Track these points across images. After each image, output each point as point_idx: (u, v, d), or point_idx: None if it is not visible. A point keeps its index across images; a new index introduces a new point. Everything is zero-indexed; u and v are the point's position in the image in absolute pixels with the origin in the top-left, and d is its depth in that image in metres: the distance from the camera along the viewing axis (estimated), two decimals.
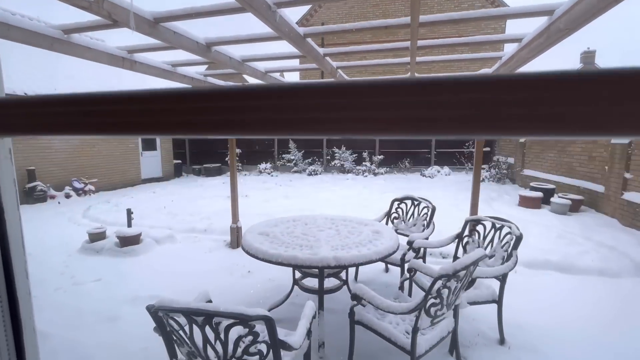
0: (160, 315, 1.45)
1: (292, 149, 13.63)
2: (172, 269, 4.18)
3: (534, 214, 6.51)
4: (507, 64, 2.94)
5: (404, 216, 3.96)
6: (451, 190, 9.38)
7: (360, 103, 0.25)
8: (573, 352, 2.53)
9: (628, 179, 5.65)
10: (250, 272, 4.09)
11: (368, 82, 0.25)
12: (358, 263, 2.31)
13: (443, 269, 1.76)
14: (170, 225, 5.98)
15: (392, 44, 2.84)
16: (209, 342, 1.41)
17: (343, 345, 2.55)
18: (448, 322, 2.22)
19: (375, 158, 13.04)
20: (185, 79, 3.81)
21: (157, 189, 10.55)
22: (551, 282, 3.78)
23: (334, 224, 3.20)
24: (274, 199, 8.41)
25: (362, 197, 8.38)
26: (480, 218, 3.05)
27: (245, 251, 2.53)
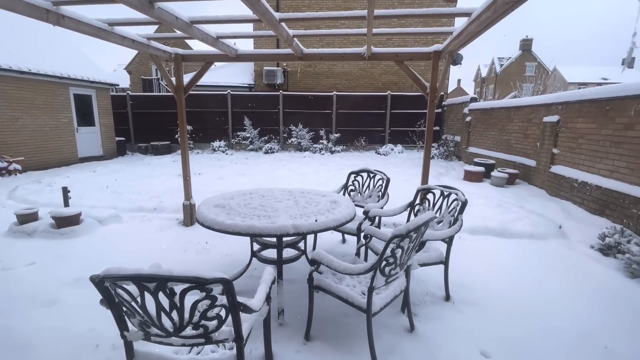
0: (106, 286, 1.35)
1: (248, 126, 13.20)
2: (119, 249, 3.92)
3: (476, 187, 7.06)
4: (458, 37, 3.05)
5: (360, 188, 4.06)
6: (404, 166, 9.80)
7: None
8: (507, 304, 2.84)
9: (555, 154, 6.32)
10: (206, 247, 3.97)
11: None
12: (316, 230, 2.33)
13: (397, 229, 1.84)
14: (115, 205, 5.56)
15: (350, 12, 2.80)
16: (163, 310, 1.35)
17: (302, 311, 2.61)
18: (400, 281, 2.36)
19: (332, 136, 13.12)
20: (126, 41, 3.44)
21: (98, 167, 9.68)
22: (490, 245, 4.16)
23: (292, 195, 3.19)
24: (229, 176, 8.16)
25: (320, 174, 8.44)
26: (430, 187, 3.23)
27: (200, 223, 2.44)
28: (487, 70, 48.68)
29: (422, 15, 2.90)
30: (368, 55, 3.88)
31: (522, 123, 7.77)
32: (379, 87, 15.16)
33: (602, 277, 3.30)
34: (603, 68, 37.20)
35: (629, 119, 4.49)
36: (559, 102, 6.29)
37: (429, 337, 2.40)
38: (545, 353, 2.26)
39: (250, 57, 4.23)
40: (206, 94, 13.72)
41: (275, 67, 15.06)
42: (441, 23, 13.75)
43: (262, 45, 15.06)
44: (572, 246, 4.10)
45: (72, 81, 10.26)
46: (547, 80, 30.20)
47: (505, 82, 40.30)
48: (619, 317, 2.68)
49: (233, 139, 13.71)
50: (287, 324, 2.54)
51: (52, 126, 9.87)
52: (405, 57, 3.87)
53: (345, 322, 2.55)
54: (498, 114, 8.96)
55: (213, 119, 13.69)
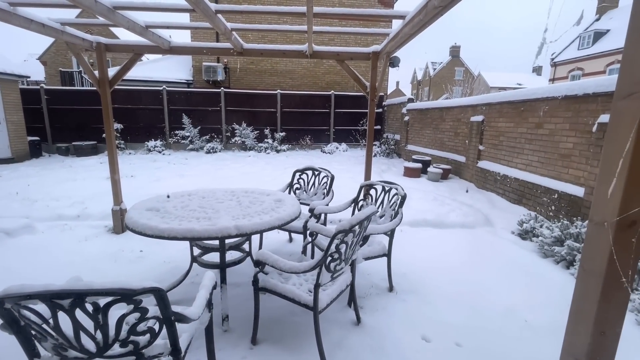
0: (8, 308, 1.14)
1: (187, 125, 12.46)
2: (33, 264, 3.42)
3: (415, 182, 7.51)
4: (394, 39, 3.19)
5: (306, 186, 4.06)
6: (348, 164, 10.06)
7: None
8: (443, 290, 3.05)
9: (481, 150, 6.98)
10: (140, 256, 3.64)
11: None
12: (260, 230, 2.26)
13: (340, 224, 1.86)
14: (27, 214, 4.84)
15: (290, 7, 2.76)
16: (83, 329, 1.19)
17: (248, 315, 2.52)
18: (346, 276, 2.39)
19: (278, 135, 12.99)
20: (33, 24, 2.99)
21: (5, 172, 8.37)
22: (428, 236, 4.45)
23: (234, 195, 3.06)
24: (167, 178, 7.62)
25: (265, 173, 8.29)
26: (373, 183, 3.34)
27: (130, 229, 2.21)
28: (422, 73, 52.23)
29: (361, 15, 2.98)
30: (310, 53, 3.88)
31: (453, 122, 8.45)
32: (323, 86, 15.37)
33: (521, 259, 3.72)
34: (518, 74, 42.18)
35: (539, 118, 5.12)
36: (483, 103, 6.96)
37: (375, 328, 2.48)
38: (477, 331, 2.47)
39: (186, 50, 3.97)
40: (138, 90, 12.65)
41: (216, 62, 14.45)
42: (380, 25, 14.38)
43: (200, 39, 14.32)
44: (496, 233, 4.56)
45: None
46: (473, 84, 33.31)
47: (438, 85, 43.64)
48: (535, 292, 3.03)
49: (171, 139, 12.84)
50: (233, 330, 2.43)
51: None
52: (346, 56, 3.95)
53: (293, 321, 2.52)
54: (432, 114, 9.63)
55: (147, 116, 12.67)
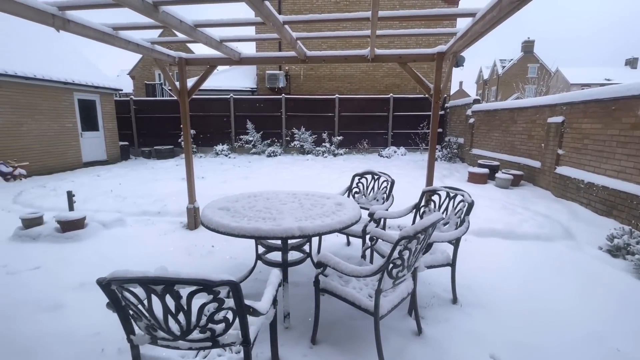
0: (113, 289, 1.33)
1: (250, 130, 13.24)
2: (123, 253, 3.92)
3: (481, 189, 7.02)
4: (462, 38, 3.04)
5: (365, 190, 4.04)
6: (407, 168, 9.77)
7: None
8: (515, 306, 2.80)
9: (560, 155, 6.27)
10: (211, 251, 3.96)
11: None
12: (322, 232, 2.32)
13: (405, 230, 1.82)
14: (119, 209, 5.56)
15: (354, 14, 2.80)
16: (170, 313, 1.34)
17: (308, 315, 2.59)
18: (408, 284, 2.33)
19: (335, 139, 13.12)
20: (130, 45, 3.46)
21: (102, 172, 9.72)
22: (496, 247, 4.12)
23: (296, 198, 3.17)
24: (232, 180, 8.16)
25: (322, 177, 8.43)
26: (436, 188, 3.21)
27: (205, 226, 2.42)
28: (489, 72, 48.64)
29: (426, 16, 2.90)
30: (371, 57, 3.87)
31: (526, 124, 7.73)
32: (381, 89, 15.17)
33: (611, 279, 3.25)
34: (606, 69, 37.05)
35: (636, 118, 4.45)
36: (563, 102, 6.26)
37: (437, 341, 2.37)
38: (556, 356, 2.22)
39: (254, 61, 4.24)
40: (209, 98, 13.78)
41: (278, 70, 15.12)
42: (443, 25, 13.76)
43: (265, 49, 15.13)
44: (579, 247, 4.05)
45: (77, 86, 10.33)
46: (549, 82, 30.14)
47: (508, 84, 40.22)
48: (630, 319, 2.63)
49: (236, 143, 13.74)
50: (293, 328, 2.51)
51: (57, 131, 9.93)
52: (409, 58, 3.86)
53: (352, 325, 2.52)
54: (501, 116, 8.92)
55: (216, 122, 13.75)
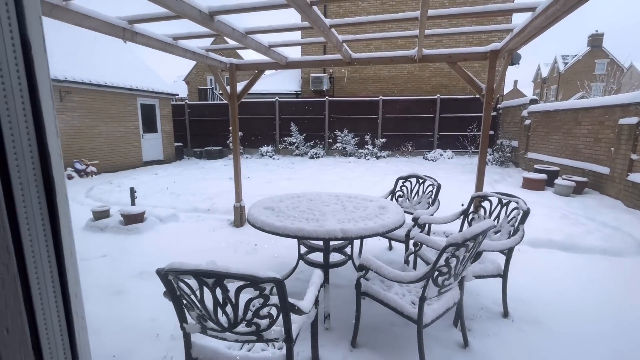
0: (170, 279, 1.44)
1: (294, 132, 13.52)
2: (176, 247, 4.21)
3: (537, 196, 6.50)
4: (519, 34, 2.85)
5: (409, 194, 3.94)
6: (454, 172, 9.34)
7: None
8: (575, 325, 2.56)
9: (634, 160, 5.60)
10: (255, 249, 4.11)
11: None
12: (364, 235, 2.30)
13: (453, 237, 1.75)
14: (174, 205, 5.99)
15: (402, 14, 2.75)
16: (220, 305, 1.41)
17: (348, 318, 2.58)
18: (454, 293, 2.23)
19: (378, 141, 12.94)
20: (187, 53, 3.72)
21: (159, 170, 10.53)
22: (555, 260, 3.79)
23: (339, 200, 3.18)
24: (276, 180, 8.40)
25: (365, 179, 8.36)
26: (487, 194, 3.03)
27: (252, 224, 2.52)
28: (548, 69, 44.85)
29: (480, 13, 2.76)
30: (419, 57, 3.77)
31: (593, 126, 7.02)
32: (428, 90, 14.68)
33: None
34: None
35: None
36: (639, 101, 5.59)
37: (485, 355, 2.24)
38: None
39: (299, 64, 4.34)
40: (255, 102, 14.32)
41: (322, 73, 15.29)
42: (496, 21, 12.99)
43: (310, 53, 15.39)
44: None
45: (140, 92, 11.32)
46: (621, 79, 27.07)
47: (570, 82, 36.79)
48: None
49: (280, 144, 14.12)
50: (333, 329, 2.52)
51: (122, 133, 10.95)
52: (459, 57, 3.70)
53: (393, 331, 2.47)
54: (563, 117, 8.19)
55: (261, 125, 14.24)
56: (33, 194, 0.21)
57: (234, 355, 1.64)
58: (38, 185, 0.22)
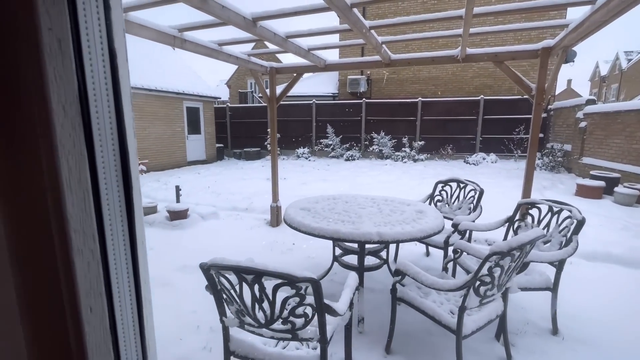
0: (212, 274, 1.51)
1: (330, 134, 13.58)
2: (216, 243, 4.39)
3: (594, 205, 5.96)
4: (576, 30, 2.65)
5: (449, 199, 3.80)
6: (498, 177, 8.85)
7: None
8: (637, 353, 2.31)
9: None
10: (290, 248, 4.18)
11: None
12: (401, 239, 2.25)
13: (497, 245, 1.66)
14: (214, 203, 6.26)
15: (446, 13, 2.66)
16: (257, 301, 1.46)
17: (382, 322, 2.54)
18: (497, 305, 2.11)
19: (416, 144, 12.61)
20: (231, 58, 3.88)
21: (202, 170, 11.07)
22: (614, 275, 3.46)
23: (375, 203, 3.15)
24: (312, 182, 8.48)
25: (401, 182, 8.18)
26: (535, 201, 2.84)
27: (288, 224, 2.57)
28: (608, 67, 41.01)
29: (531, 8, 2.60)
30: (462, 57, 3.63)
31: None
32: (470, 91, 14.06)
33: None
34: None
35: None
36: None
37: None
38: None
39: (338, 67, 4.36)
40: (292, 104, 14.58)
41: (359, 75, 15.21)
42: (548, 16, 12.14)
43: (347, 55, 15.38)
44: None
45: (186, 96, 12.00)
46: None
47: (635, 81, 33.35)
48: None
49: (316, 146, 14.24)
50: (367, 333, 2.50)
51: (169, 134, 11.66)
52: (507, 56, 3.51)
53: (429, 340, 2.39)
54: (626, 118, 7.45)
55: (298, 127, 14.46)
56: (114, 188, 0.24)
57: (269, 352, 1.68)
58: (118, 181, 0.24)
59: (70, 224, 0.22)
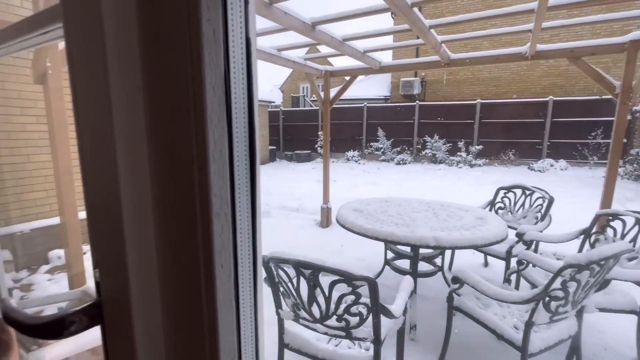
0: (270, 266, 1.58)
1: (381, 137, 13.39)
2: (269, 239, 4.56)
3: None
4: None
5: (512, 207, 3.53)
6: (569, 186, 8.01)
7: None
8: None
9: None
10: (340, 249, 4.20)
11: None
12: (460, 246, 2.15)
13: (574, 257, 1.51)
14: (267, 202, 6.51)
15: (515, 7, 2.49)
16: (314, 296, 1.49)
17: (435, 331, 2.44)
18: (569, 324, 1.91)
19: (473, 148, 11.91)
20: (289, 62, 4.03)
21: None
22: None
23: (430, 207, 3.04)
24: (362, 185, 8.43)
25: (456, 188, 7.78)
26: (619, 212, 2.53)
27: (341, 224, 2.59)
28: None
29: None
30: (531, 54, 3.37)
31: None
32: (537, 92, 12.94)
33: None
34: None
35: None
36: None
37: None
38: None
39: (393, 68, 4.29)
40: (343, 107, 14.64)
41: (413, 77, 14.82)
42: (634, 6, 10.73)
43: (401, 56, 15.07)
44: None
45: None
46: None
47: None
48: None
49: (366, 150, 14.14)
50: (419, 341, 2.41)
51: None
52: (585, 51, 3.18)
53: (489, 355, 2.24)
54: None
55: (348, 130, 14.48)
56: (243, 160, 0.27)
57: (322, 348, 1.70)
58: (246, 154, 0.28)
59: (212, 189, 0.25)
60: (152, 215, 0.28)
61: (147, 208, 0.27)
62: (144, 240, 0.28)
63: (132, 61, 0.26)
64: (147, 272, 0.29)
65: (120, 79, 0.26)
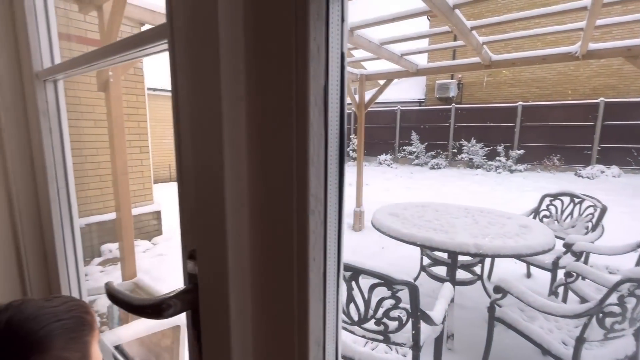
0: None
1: (415, 141, 13.12)
2: None
3: None
4: None
5: (559, 215, 3.33)
6: (622, 194, 7.40)
7: None
8: None
9: None
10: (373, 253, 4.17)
11: None
12: (502, 254, 2.07)
13: (633, 271, 1.41)
14: None
15: (567, 5, 2.37)
16: (353, 298, 1.50)
17: (473, 342, 2.36)
18: (626, 343, 1.78)
19: (513, 153, 11.34)
20: None
21: None
22: None
23: (469, 213, 2.95)
24: (394, 189, 8.31)
25: (495, 195, 7.45)
26: None
27: (377, 228, 2.58)
28: None
29: None
30: (582, 54, 3.18)
31: None
32: (586, 93, 12.09)
33: None
34: None
35: None
36: None
37: None
38: None
39: (430, 71, 4.22)
40: (376, 110, 14.52)
41: (449, 79, 14.40)
42: None
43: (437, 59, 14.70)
44: None
45: None
46: None
47: None
48: None
49: (399, 153, 13.91)
50: (457, 351, 2.34)
51: None
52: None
53: None
54: None
55: (381, 133, 14.33)
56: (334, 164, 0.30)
57: (359, 350, 1.70)
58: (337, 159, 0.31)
59: (310, 189, 0.28)
60: (247, 211, 0.32)
61: (245, 205, 0.31)
62: (241, 235, 0.32)
63: (237, 76, 0.30)
64: (241, 264, 0.32)
65: (227, 91, 0.30)
